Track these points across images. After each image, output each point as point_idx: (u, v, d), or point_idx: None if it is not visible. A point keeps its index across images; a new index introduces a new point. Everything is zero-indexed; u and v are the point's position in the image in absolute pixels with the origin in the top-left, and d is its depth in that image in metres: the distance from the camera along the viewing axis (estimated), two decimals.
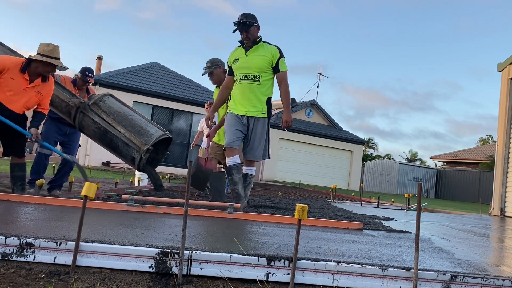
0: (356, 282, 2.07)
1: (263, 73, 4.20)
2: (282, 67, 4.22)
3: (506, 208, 8.90)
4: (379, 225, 4.11)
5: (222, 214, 3.77)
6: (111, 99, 5.28)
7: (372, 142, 47.70)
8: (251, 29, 4.19)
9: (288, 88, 4.25)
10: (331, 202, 8.25)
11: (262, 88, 4.22)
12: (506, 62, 9.24)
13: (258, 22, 4.27)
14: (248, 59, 4.23)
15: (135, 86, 17.20)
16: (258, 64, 4.19)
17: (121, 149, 5.05)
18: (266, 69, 4.20)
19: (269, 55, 4.20)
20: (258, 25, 4.25)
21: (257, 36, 4.26)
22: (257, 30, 4.26)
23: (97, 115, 5.01)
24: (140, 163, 4.98)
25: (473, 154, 30.44)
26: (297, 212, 2.10)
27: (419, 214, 2.16)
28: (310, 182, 20.09)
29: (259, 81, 4.20)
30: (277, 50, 4.23)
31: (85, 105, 4.99)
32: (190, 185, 5.41)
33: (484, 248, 3.39)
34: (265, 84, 4.23)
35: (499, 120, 9.31)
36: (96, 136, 5.12)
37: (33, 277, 1.97)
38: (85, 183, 2.20)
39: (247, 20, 4.17)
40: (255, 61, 4.20)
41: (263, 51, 4.23)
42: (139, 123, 5.14)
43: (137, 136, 4.97)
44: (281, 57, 4.22)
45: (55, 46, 4.24)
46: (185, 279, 2.04)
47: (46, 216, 2.97)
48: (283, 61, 4.23)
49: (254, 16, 4.26)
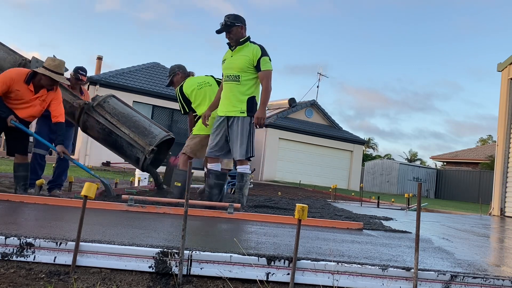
0: (356, 282, 2.07)
1: (243, 72, 4.17)
2: (263, 66, 4.15)
3: (506, 208, 8.90)
4: (379, 225, 4.11)
5: (222, 214, 3.77)
6: (114, 100, 5.38)
7: (372, 142, 47.70)
8: (233, 29, 4.16)
9: (268, 86, 4.17)
10: (331, 202, 8.25)
11: (243, 88, 4.18)
12: (506, 62, 9.24)
13: (242, 22, 4.21)
14: (233, 59, 4.23)
15: (135, 86, 17.20)
16: (239, 64, 4.16)
17: (126, 150, 5.15)
18: (247, 68, 4.16)
19: (250, 55, 4.16)
20: (241, 25, 4.20)
21: (241, 36, 4.21)
22: (241, 30, 4.21)
23: (101, 116, 5.10)
24: (144, 163, 5.10)
25: (473, 154, 30.44)
26: (297, 212, 2.10)
27: (419, 214, 2.16)
28: (310, 182, 20.08)
29: (238, 81, 4.18)
30: (258, 49, 4.17)
31: (89, 106, 5.09)
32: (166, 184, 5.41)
33: (484, 248, 3.39)
34: (246, 83, 4.19)
35: (499, 120, 9.31)
36: (100, 136, 5.21)
37: (33, 277, 1.97)
38: (85, 183, 2.20)
39: (229, 20, 4.15)
40: (237, 61, 4.19)
41: (246, 51, 4.19)
42: (143, 124, 5.26)
43: (141, 137, 5.09)
44: (263, 56, 4.15)
45: (61, 61, 4.38)
46: (185, 279, 2.04)
47: (46, 216, 2.97)
48: (265, 60, 4.16)
49: (237, 16, 4.21)
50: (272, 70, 4.22)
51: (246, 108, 4.18)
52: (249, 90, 4.22)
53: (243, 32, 4.23)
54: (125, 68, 18.73)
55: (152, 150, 5.06)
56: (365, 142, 32.50)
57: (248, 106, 4.19)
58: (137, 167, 5.36)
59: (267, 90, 4.17)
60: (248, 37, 4.28)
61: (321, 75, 24.89)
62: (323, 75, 25.06)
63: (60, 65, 4.35)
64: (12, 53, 4.95)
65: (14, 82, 4.16)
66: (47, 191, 5.23)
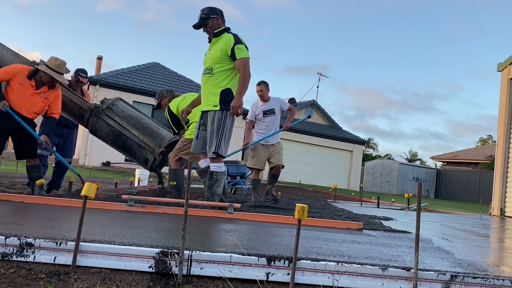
0: (356, 282, 2.07)
1: (216, 64, 3.99)
2: (239, 54, 3.93)
3: (506, 208, 8.91)
4: (379, 225, 4.11)
5: (222, 214, 3.77)
6: (122, 103, 5.62)
7: (372, 142, 47.71)
8: (208, 21, 4.06)
9: (245, 74, 3.92)
10: (331, 202, 8.25)
11: (215, 80, 4.00)
12: (506, 62, 9.24)
13: (218, 13, 4.09)
14: (210, 52, 4.12)
15: (135, 86, 17.20)
16: (213, 56, 4.02)
17: (135, 151, 5.36)
18: (220, 59, 3.98)
19: (223, 45, 3.98)
20: (217, 17, 4.07)
21: (217, 28, 4.08)
22: (217, 21, 4.08)
23: (111, 118, 5.29)
24: (153, 164, 5.30)
25: (473, 154, 30.43)
26: (297, 212, 2.10)
27: (419, 214, 2.16)
28: (310, 182, 20.08)
29: (211, 73, 4.01)
30: (232, 38, 3.98)
31: (99, 109, 5.26)
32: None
33: (484, 248, 3.39)
34: (219, 75, 3.99)
35: (499, 120, 9.31)
36: (108, 138, 5.39)
37: (33, 277, 1.97)
38: (85, 183, 2.20)
39: (204, 13, 4.07)
40: (212, 53, 4.05)
41: (220, 41, 4.03)
42: (151, 127, 5.47)
43: (150, 139, 5.28)
44: (236, 44, 3.95)
45: (62, 62, 4.51)
46: (185, 279, 2.04)
47: (46, 216, 2.97)
48: (239, 47, 3.95)
49: (212, 8, 4.10)
50: (249, 57, 3.99)
51: (219, 101, 3.96)
52: (223, 82, 4.00)
53: (220, 23, 4.10)
54: (125, 68, 18.73)
55: (162, 151, 5.24)
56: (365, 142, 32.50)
57: (221, 99, 3.96)
58: (145, 167, 5.55)
59: (245, 77, 3.92)
60: (225, 28, 4.12)
61: (321, 75, 24.92)
62: (323, 75, 25.09)
63: (61, 65, 4.48)
64: (20, 56, 5.06)
65: (18, 74, 4.32)
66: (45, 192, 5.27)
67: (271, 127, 5.81)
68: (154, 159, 5.22)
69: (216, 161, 4.02)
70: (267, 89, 5.83)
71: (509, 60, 9.16)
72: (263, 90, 5.78)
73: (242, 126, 20.42)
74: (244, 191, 7.86)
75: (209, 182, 4.06)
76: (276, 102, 5.84)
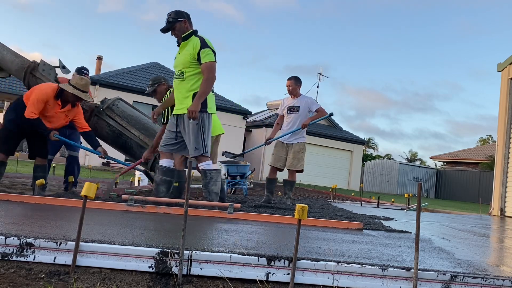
0: (356, 282, 2.07)
1: (186, 68, 4.05)
2: (204, 59, 3.97)
3: (506, 208, 8.90)
4: (379, 225, 4.11)
5: (222, 214, 3.77)
6: (122, 103, 5.66)
7: (372, 142, 47.71)
8: (176, 25, 4.07)
9: (209, 77, 3.97)
10: (331, 202, 8.25)
11: (187, 84, 4.06)
12: (506, 62, 9.24)
13: (185, 17, 4.10)
14: (179, 56, 4.15)
15: (135, 86, 17.20)
16: (182, 60, 4.07)
17: (135, 151, 5.38)
18: (189, 63, 4.03)
19: (191, 49, 4.02)
20: (184, 20, 4.09)
21: (185, 31, 4.10)
22: (185, 25, 4.09)
23: (111, 118, 5.32)
24: (153, 164, 5.29)
25: (473, 154, 30.44)
26: (297, 212, 2.10)
27: (419, 214, 2.16)
28: (310, 182, 20.08)
29: (183, 77, 4.07)
30: (198, 42, 4.01)
31: (99, 109, 5.30)
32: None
33: (484, 248, 3.39)
34: (190, 79, 4.05)
35: (499, 120, 9.31)
36: (109, 138, 5.43)
37: (33, 277, 1.97)
38: (85, 183, 2.20)
39: (171, 17, 4.09)
40: (182, 57, 4.09)
41: (189, 45, 4.07)
42: (151, 126, 5.47)
43: (151, 139, 5.27)
44: (202, 48, 3.98)
45: (87, 81, 4.69)
46: (185, 279, 2.04)
47: (46, 216, 2.97)
48: (205, 51, 3.98)
49: (178, 12, 4.11)
50: (214, 62, 4.02)
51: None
52: (194, 85, 4.06)
53: (187, 27, 4.12)
54: (125, 68, 18.74)
55: None
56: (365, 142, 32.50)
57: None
58: (145, 167, 5.57)
59: (207, 82, 3.97)
60: (193, 31, 4.14)
61: (321, 75, 24.92)
62: (323, 75, 25.10)
63: (86, 84, 4.62)
64: (20, 56, 5.08)
65: (49, 97, 4.45)
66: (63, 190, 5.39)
67: (292, 125, 5.64)
68: (154, 159, 5.23)
69: (204, 160, 4.10)
70: (297, 85, 5.69)
71: (509, 60, 9.16)
72: (292, 86, 5.65)
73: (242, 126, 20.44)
74: (244, 191, 7.86)
75: (204, 181, 4.12)
76: (304, 101, 5.66)
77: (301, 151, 5.66)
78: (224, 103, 19.10)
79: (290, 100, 5.75)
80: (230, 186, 7.76)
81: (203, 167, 4.10)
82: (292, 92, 5.70)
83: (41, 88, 4.49)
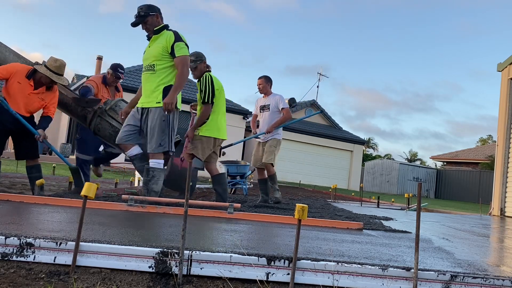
0: (356, 282, 2.07)
1: (158, 61, 4.03)
2: (178, 52, 3.98)
3: (506, 208, 8.90)
4: (379, 225, 4.11)
5: (222, 214, 3.77)
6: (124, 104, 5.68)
7: (372, 142, 47.71)
8: (148, 19, 4.07)
9: (183, 72, 3.98)
10: (331, 202, 8.25)
11: (158, 78, 4.03)
12: (506, 62, 9.24)
13: (156, 11, 4.11)
14: (150, 49, 4.13)
15: (135, 86, 17.18)
16: (154, 53, 4.05)
17: None
18: (161, 56, 4.02)
19: (163, 42, 4.02)
20: (156, 14, 4.10)
21: (157, 25, 4.11)
22: (156, 19, 4.10)
23: (114, 119, 5.29)
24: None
25: (473, 154, 30.42)
26: (297, 212, 2.10)
27: (419, 214, 2.16)
28: (310, 182, 20.09)
29: (154, 70, 4.04)
30: (172, 35, 4.03)
31: (102, 110, 5.27)
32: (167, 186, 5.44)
33: (484, 248, 3.39)
34: (161, 72, 4.04)
35: (499, 120, 9.31)
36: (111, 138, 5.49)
37: (33, 277, 1.97)
38: (84, 182, 2.20)
39: (142, 11, 4.08)
40: (152, 50, 4.07)
41: (161, 38, 4.07)
42: None
43: None
44: (176, 41, 4.00)
45: (62, 63, 4.50)
46: (185, 279, 2.04)
47: (46, 216, 2.97)
48: (179, 45, 4.00)
49: (150, 6, 4.11)
50: (188, 55, 4.06)
51: (162, 98, 4.00)
52: (165, 78, 4.05)
53: (159, 21, 4.13)
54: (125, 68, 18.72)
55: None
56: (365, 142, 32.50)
57: (164, 96, 4.00)
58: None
59: (182, 75, 3.98)
60: (165, 25, 4.16)
61: (321, 75, 24.93)
62: (323, 75, 25.11)
63: (61, 66, 4.46)
64: (22, 57, 5.08)
65: (17, 73, 4.32)
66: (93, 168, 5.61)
67: (264, 123, 5.73)
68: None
69: (157, 157, 4.07)
70: (267, 84, 5.76)
71: (509, 60, 9.16)
72: (262, 84, 5.74)
73: (242, 126, 20.43)
74: (244, 191, 7.86)
75: (146, 178, 4.07)
76: (273, 99, 5.74)
77: (273, 145, 5.70)
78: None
79: (262, 100, 5.85)
80: (230, 186, 7.76)
81: (152, 164, 4.06)
82: (263, 91, 5.80)
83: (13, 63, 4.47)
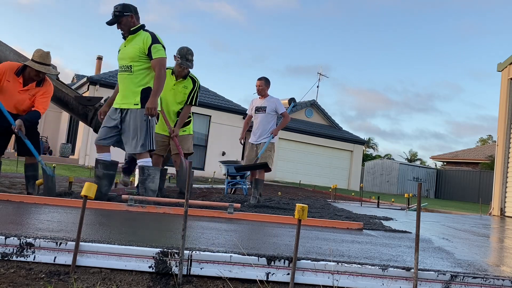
0: (356, 282, 2.07)
1: (135, 62, 4.03)
2: (155, 54, 4.00)
3: (506, 208, 8.90)
4: (379, 225, 4.11)
5: (222, 214, 3.77)
6: None
7: (372, 142, 47.71)
8: (122, 19, 4.05)
9: (161, 74, 3.99)
10: (331, 202, 8.25)
11: (136, 79, 4.05)
12: (506, 62, 9.24)
13: (132, 11, 4.10)
14: (125, 49, 4.13)
15: None
16: (130, 54, 4.05)
17: None
18: (138, 58, 4.03)
19: (140, 43, 4.02)
20: (131, 14, 4.08)
21: (133, 25, 4.10)
22: (131, 19, 4.09)
23: None
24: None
25: (473, 154, 30.42)
26: (297, 212, 2.10)
27: (419, 214, 2.16)
28: (310, 182, 20.08)
29: (131, 71, 4.05)
30: (149, 37, 4.03)
31: None
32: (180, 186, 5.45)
33: (484, 248, 3.39)
34: (139, 74, 4.05)
35: (499, 120, 9.31)
36: None
37: (33, 277, 1.97)
38: (85, 183, 2.20)
39: (117, 11, 4.06)
40: (128, 50, 4.07)
41: (137, 39, 4.07)
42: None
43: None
44: (153, 43, 4.01)
45: (46, 52, 4.36)
46: (185, 279, 2.04)
47: (46, 216, 2.97)
48: (156, 47, 4.01)
49: (125, 5, 4.10)
50: (165, 57, 4.07)
51: (140, 100, 4.03)
52: (143, 80, 4.07)
53: (134, 21, 4.12)
54: None
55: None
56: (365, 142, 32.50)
57: (142, 98, 4.03)
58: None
59: (160, 77, 3.99)
60: (141, 25, 4.15)
61: (321, 75, 24.93)
62: (323, 75, 25.11)
63: (43, 55, 4.31)
64: (23, 56, 5.07)
65: (6, 71, 4.25)
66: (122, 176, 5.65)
67: (258, 125, 5.74)
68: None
69: (144, 156, 4.11)
70: (266, 86, 5.79)
71: (509, 60, 9.15)
72: (262, 86, 5.75)
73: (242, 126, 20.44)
74: (244, 191, 7.86)
75: (141, 177, 4.09)
76: (271, 102, 5.75)
77: (269, 149, 5.71)
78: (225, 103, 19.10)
79: (258, 101, 5.86)
80: (230, 186, 7.76)
81: (142, 163, 4.09)
82: (261, 93, 5.80)
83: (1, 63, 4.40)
